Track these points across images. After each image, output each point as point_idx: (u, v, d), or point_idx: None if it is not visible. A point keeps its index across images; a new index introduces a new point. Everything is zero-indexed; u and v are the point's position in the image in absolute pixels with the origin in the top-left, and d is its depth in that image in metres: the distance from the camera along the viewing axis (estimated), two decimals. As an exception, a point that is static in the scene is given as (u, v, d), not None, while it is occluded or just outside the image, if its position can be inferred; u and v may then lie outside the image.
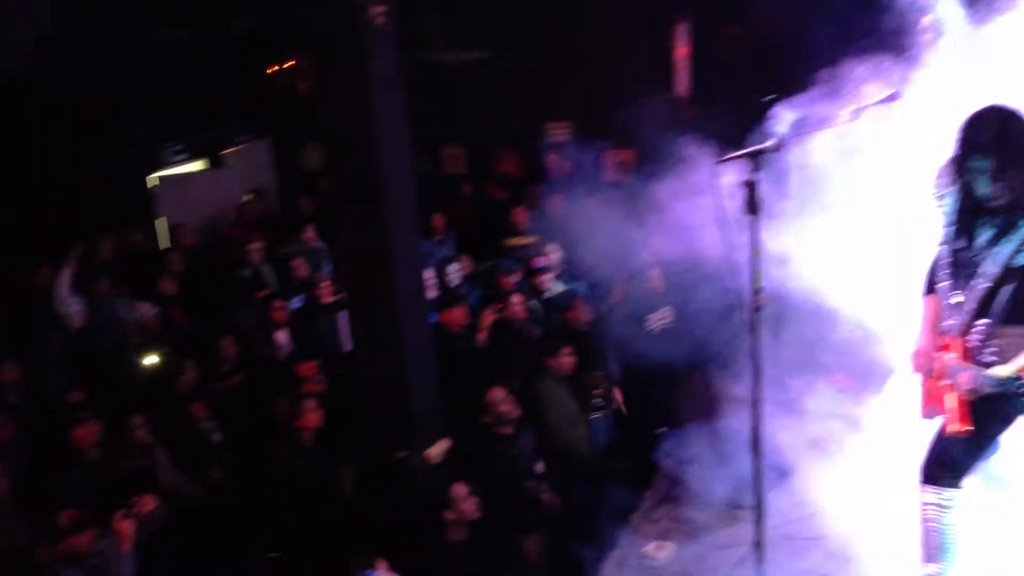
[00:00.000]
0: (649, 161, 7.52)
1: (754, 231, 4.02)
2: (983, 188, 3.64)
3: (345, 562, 4.76)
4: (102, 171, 9.79)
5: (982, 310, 3.69)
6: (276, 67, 12.23)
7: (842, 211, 5.29)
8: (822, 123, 4.59)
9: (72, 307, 7.64)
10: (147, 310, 8.07)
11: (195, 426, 6.62)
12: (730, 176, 4.03)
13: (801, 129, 4.64)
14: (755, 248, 4.02)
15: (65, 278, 7.59)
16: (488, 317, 7.42)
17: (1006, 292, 3.64)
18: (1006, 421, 3.81)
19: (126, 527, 5.02)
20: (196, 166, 11.53)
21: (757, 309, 4.08)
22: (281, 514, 5.93)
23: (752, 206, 4.00)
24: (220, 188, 11.29)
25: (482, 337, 7.34)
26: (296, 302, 8.43)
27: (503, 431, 6.10)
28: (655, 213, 7.74)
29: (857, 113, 4.35)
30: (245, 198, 11.18)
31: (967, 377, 3.72)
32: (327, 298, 8.04)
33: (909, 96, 4.47)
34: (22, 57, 8.98)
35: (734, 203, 4.02)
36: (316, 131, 6.21)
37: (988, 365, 3.65)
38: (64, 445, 5.99)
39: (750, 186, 3.98)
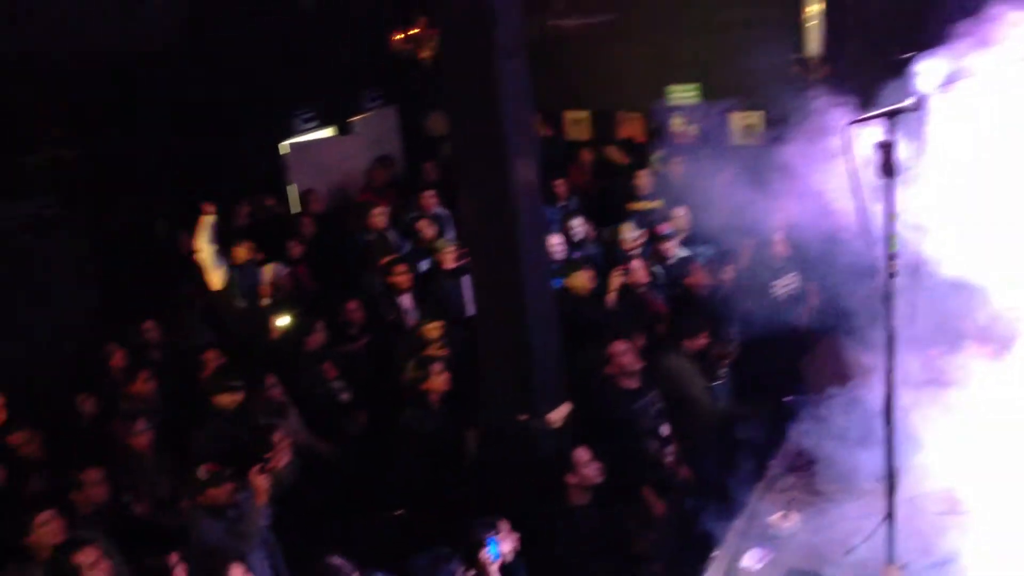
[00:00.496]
0: (778, 123, 7.31)
1: (889, 195, 3.87)
2: None
3: (469, 524, 4.84)
4: (238, 139, 10.14)
5: None
6: (402, 34, 12.36)
7: (983, 173, 5.01)
8: (965, 78, 4.36)
9: (214, 268, 7.91)
10: (280, 273, 8.33)
11: (324, 386, 6.84)
12: (865, 138, 3.88)
13: (943, 85, 4.41)
14: (890, 212, 3.88)
15: (206, 240, 7.86)
16: (617, 279, 7.39)
17: None
18: None
19: (261, 482, 5.23)
20: (325, 133, 11.79)
21: (891, 275, 3.93)
22: (406, 474, 6.08)
23: (888, 168, 3.85)
24: (348, 154, 11.53)
25: (611, 299, 7.32)
26: (423, 265, 8.58)
27: (626, 384, 6.08)
28: (783, 177, 7.53)
29: (1005, 65, 4.12)
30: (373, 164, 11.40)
31: None
32: (451, 263, 8.14)
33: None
34: (161, 28, 9.35)
35: (869, 166, 3.88)
36: (441, 97, 6.25)
37: None
38: (203, 402, 6.28)
39: (886, 147, 3.83)
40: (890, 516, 4.11)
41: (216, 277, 7.85)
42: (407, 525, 5.89)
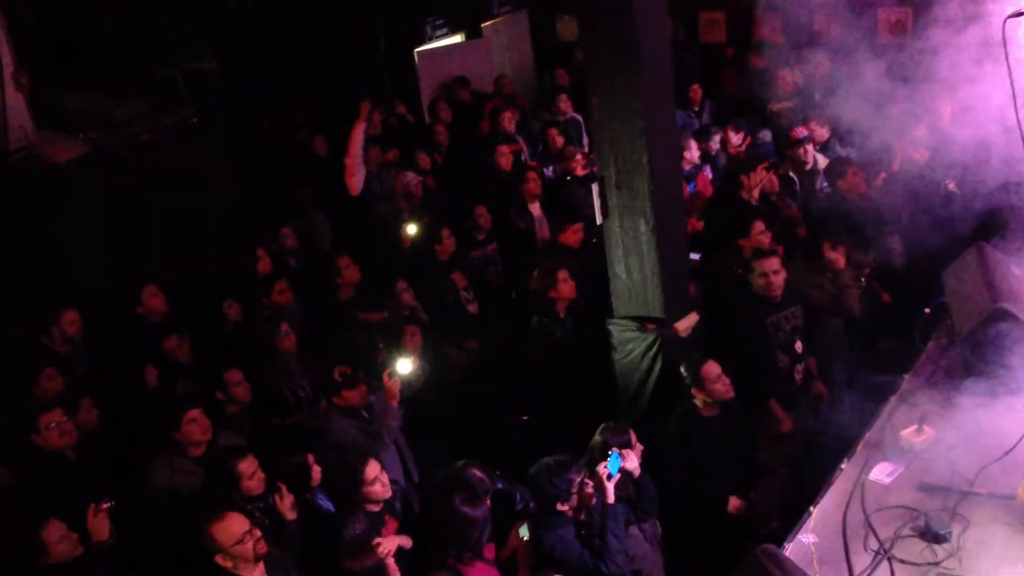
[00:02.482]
0: (928, 20, 6.87)
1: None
2: None
3: (598, 432, 4.89)
4: (371, 46, 10.23)
5: None
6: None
7: None
8: None
9: (357, 172, 8.05)
10: (412, 179, 8.46)
11: (454, 294, 6.97)
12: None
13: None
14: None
15: (358, 139, 7.96)
16: (759, 176, 7.17)
17: None
18: None
19: (393, 385, 5.42)
20: (456, 39, 11.76)
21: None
22: (533, 381, 6.18)
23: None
24: (480, 60, 11.48)
25: (755, 195, 7.15)
26: (549, 172, 8.55)
27: (771, 295, 5.99)
28: (935, 78, 7.12)
29: None
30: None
31: None
32: (581, 170, 8.09)
33: None
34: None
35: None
36: (572, 1, 6.13)
37: None
38: (342, 309, 6.49)
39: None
40: (1031, 434, 3.96)
41: (356, 181, 8.00)
42: (534, 431, 6.01)
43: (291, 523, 4.70)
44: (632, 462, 4.74)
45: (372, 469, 4.65)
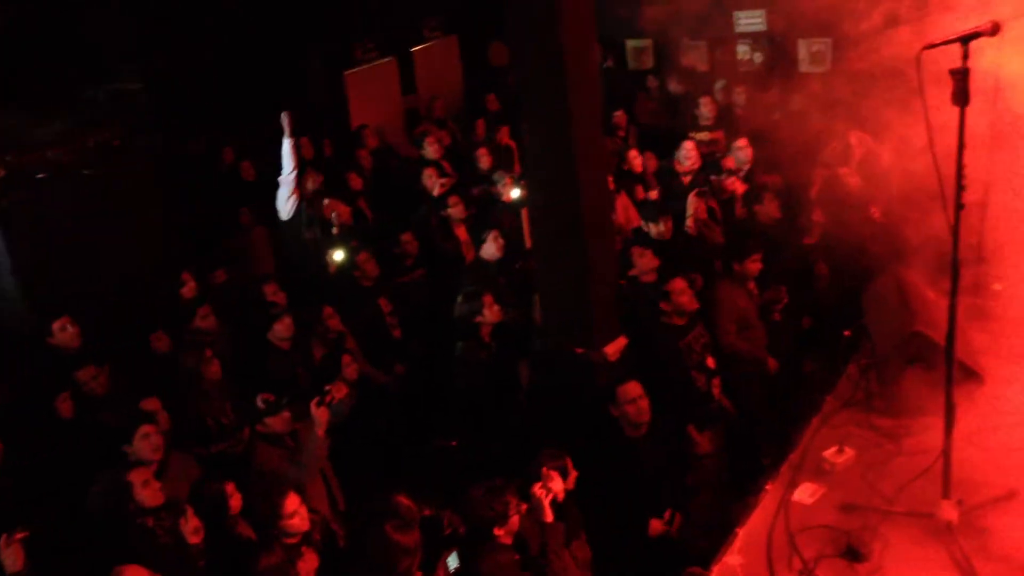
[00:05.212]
0: (847, 51, 7.10)
1: (961, 125, 3.74)
2: None
3: (532, 456, 4.88)
4: (300, 69, 10.16)
5: None
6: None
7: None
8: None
9: (286, 198, 7.94)
10: (341, 206, 8.39)
11: (380, 319, 6.93)
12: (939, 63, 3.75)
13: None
14: (961, 143, 3.75)
15: (290, 155, 7.82)
16: (694, 205, 7.26)
17: None
18: None
19: (321, 413, 5.35)
20: (385, 63, 11.75)
21: (959, 207, 3.83)
22: (459, 406, 6.16)
23: (961, 96, 3.72)
24: (408, 85, 11.50)
25: (691, 224, 7.24)
26: (477, 194, 8.56)
27: (676, 321, 6.06)
28: (852, 105, 7.34)
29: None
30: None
31: None
32: (509, 195, 8.13)
33: None
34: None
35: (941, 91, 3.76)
36: (502, 27, 6.19)
37: None
38: (264, 335, 6.40)
39: (960, 74, 3.70)
40: (945, 453, 4.06)
41: (288, 205, 7.91)
42: (461, 456, 5.98)
43: (193, 547, 4.61)
44: (559, 484, 4.73)
45: (291, 502, 4.57)
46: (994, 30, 3.67)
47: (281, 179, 7.78)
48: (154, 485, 4.81)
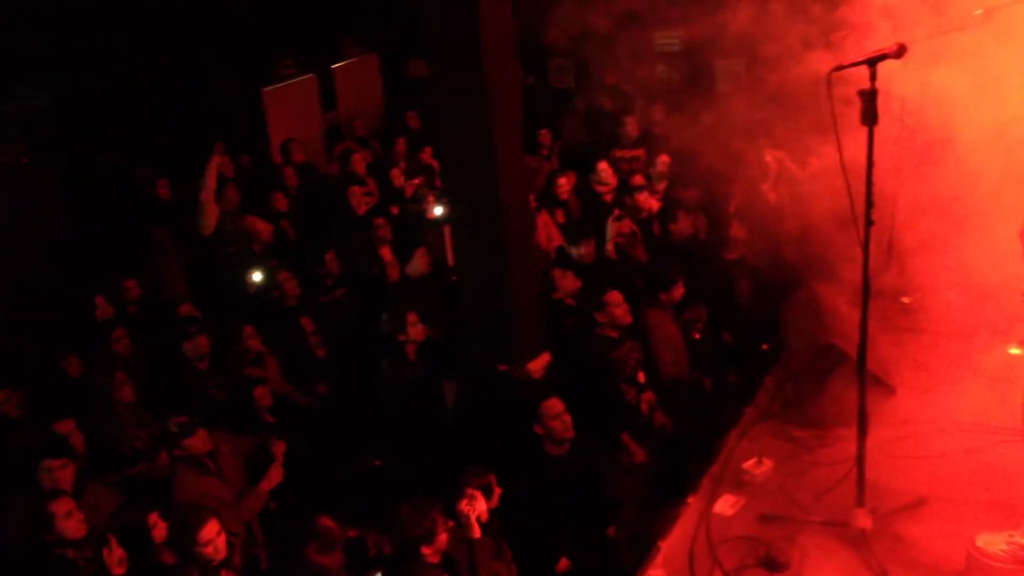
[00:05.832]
0: (762, 70, 7.26)
1: (870, 144, 3.86)
2: None
3: (456, 474, 4.86)
4: (216, 85, 10.01)
5: None
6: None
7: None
8: (949, 26, 4.33)
9: (206, 215, 7.78)
10: (262, 224, 8.28)
11: (302, 339, 6.84)
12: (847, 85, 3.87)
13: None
14: (870, 162, 3.87)
15: (213, 176, 7.68)
16: (614, 228, 7.34)
17: None
18: None
19: (276, 475, 5.29)
20: (304, 80, 11.65)
21: (869, 223, 3.94)
22: (384, 425, 6.12)
23: (869, 116, 3.84)
24: (328, 102, 11.42)
25: (611, 248, 7.31)
26: (397, 213, 8.53)
27: (608, 334, 6.10)
28: (767, 123, 7.50)
29: (986, 15, 4.10)
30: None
31: None
32: (432, 213, 8.11)
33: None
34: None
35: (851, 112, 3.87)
36: (423, 44, 6.19)
37: None
38: (180, 355, 6.27)
39: (868, 96, 3.82)
40: (859, 461, 4.17)
41: (209, 222, 7.76)
42: (385, 476, 5.93)
43: None
44: (481, 503, 4.71)
45: (209, 530, 4.45)
46: (899, 52, 3.80)
47: (201, 196, 7.65)
48: (77, 516, 4.62)
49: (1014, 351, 3.98)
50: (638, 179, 8.42)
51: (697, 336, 6.65)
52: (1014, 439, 4.05)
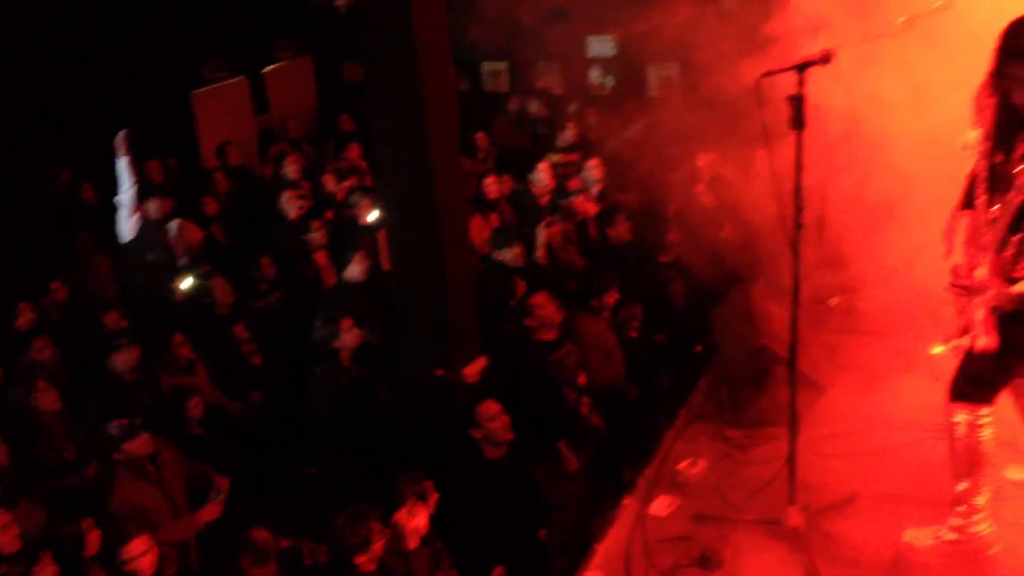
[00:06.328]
0: (695, 75, 7.38)
1: (799, 148, 3.93)
2: (1020, 96, 3.50)
3: (393, 481, 4.82)
4: (144, 88, 9.80)
5: (1016, 225, 3.59)
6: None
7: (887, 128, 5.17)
8: (872, 34, 4.43)
9: (126, 221, 7.59)
10: (192, 230, 8.13)
11: (235, 346, 6.72)
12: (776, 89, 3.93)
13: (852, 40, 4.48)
14: (799, 164, 3.95)
15: (126, 175, 7.49)
16: (544, 234, 7.36)
17: None
18: None
19: (212, 511, 5.15)
20: (236, 83, 11.48)
21: (798, 226, 4.02)
22: (319, 433, 6.04)
23: (798, 121, 3.91)
24: (260, 105, 11.28)
25: (542, 254, 7.32)
26: (331, 217, 8.44)
27: (545, 336, 6.11)
28: (701, 127, 7.62)
29: (909, 21, 4.21)
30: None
31: (993, 293, 3.63)
32: (367, 217, 8.05)
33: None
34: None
35: (780, 117, 3.94)
36: (357, 47, 6.15)
37: (1018, 281, 3.54)
38: (108, 367, 6.11)
39: (796, 100, 3.89)
40: (790, 460, 4.25)
41: (128, 226, 7.58)
42: (320, 485, 5.86)
43: None
44: (421, 517, 4.67)
45: (138, 545, 4.33)
46: (826, 58, 3.88)
47: (119, 199, 7.47)
48: (12, 530, 4.42)
49: (937, 350, 4.08)
50: (575, 183, 8.46)
51: (635, 335, 6.69)
52: (939, 436, 4.15)
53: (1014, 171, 3.57)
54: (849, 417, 5.10)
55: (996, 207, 3.64)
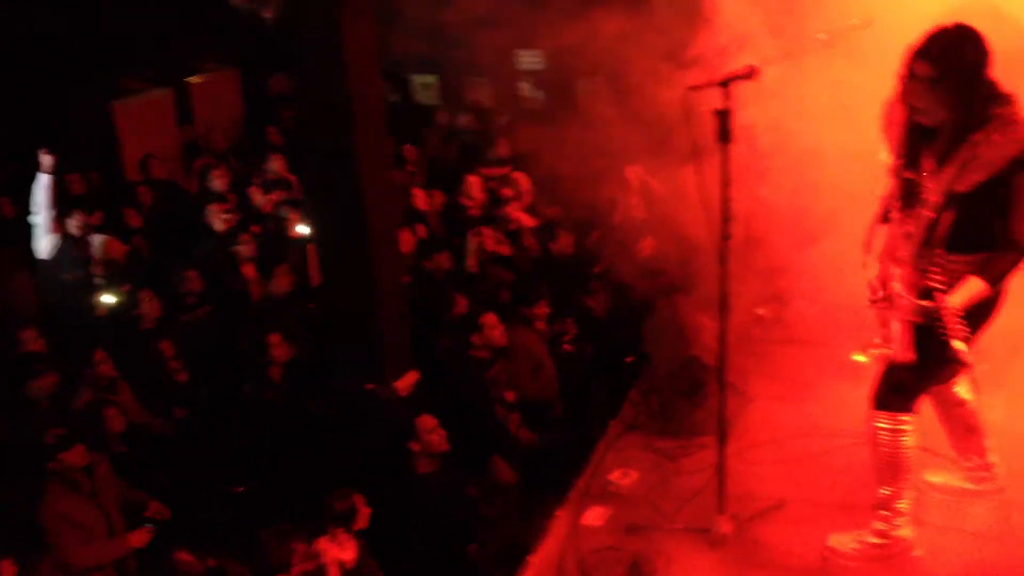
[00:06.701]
0: (620, 88, 7.44)
1: (725, 161, 4.00)
2: (921, 99, 3.60)
3: (322, 498, 4.75)
4: (64, 99, 9.55)
5: (928, 239, 3.70)
6: (242, -7, 11.91)
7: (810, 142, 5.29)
8: (796, 49, 4.53)
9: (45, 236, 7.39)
10: (114, 244, 7.94)
11: (160, 363, 6.57)
12: (703, 103, 3.99)
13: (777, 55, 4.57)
14: (726, 177, 4.01)
15: (42, 191, 7.29)
16: (475, 240, 7.37)
17: (948, 220, 3.63)
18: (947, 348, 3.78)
19: (141, 537, 5.03)
20: (160, 94, 11.27)
21: (726, 238, 4.08)
22: (248, 450, 5.94)
23: (724, 135, 3.97)
24: (185, 117, 11.09)
25: (472, 263, 7.32)
26: (259, 231, 8.34)
27: (481, 355, 6.10)
28: (630, 140, 7.70)
29: (830, 38, 4.31)
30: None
31: (907, 306, 3.73)
32: (295, 231, 7.96)
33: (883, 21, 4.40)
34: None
35: (708, 131, 4.00)
36: (285, 59, 6.10)
37: (933, 294, 3.64)
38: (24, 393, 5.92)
39: (722, 114, 3.95)
40: (719, 468, 4.30)
41: (45, 242, 7.37)
42: (250, 503, 5.76)
43: None
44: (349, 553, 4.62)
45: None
46: (750, 74, 3.95)
47: (37, 217, 7.27)
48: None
49: (858, 358, 4.18)
50: (507, 193, 8.50)
51: (570, 348, 6.72)
52: (861, 442, 4.24)
53: (922, 187, 3.69)
54: (777, 425, 5.18)
55: (908, 222, 3.76)
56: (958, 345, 3.50)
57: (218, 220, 8.09)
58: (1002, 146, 3.49)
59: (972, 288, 3.57)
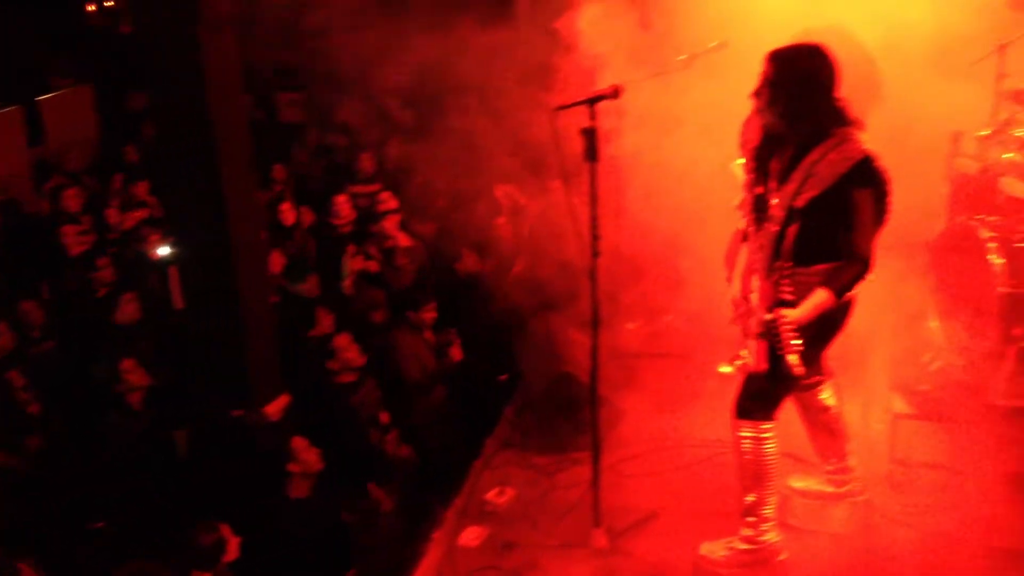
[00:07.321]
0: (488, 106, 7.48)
1: (593, 179, 4.05)
2: (761, 100, 3.77)
3: (185, 530, 4.56)
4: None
5: (777, 252, 3.83)
6: (96, 6, 11.48)
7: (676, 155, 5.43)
8: (657, 70, 4.64)
9: None
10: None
11: (10, 395, 6.20)
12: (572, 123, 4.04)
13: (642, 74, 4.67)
14: (594, 195, 4.06)
15: None
16: (352, 262, 7.26)
17: (792, 233, 3.77)
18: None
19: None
20: (8, 112, 10.71)
21: (595, 255, 4.13)
22: (107, 483, 5.67)
23: (591, 153, 4.03)
24: (35, 136, 10.59)
25: (348, 284, 7.20)
26: (117, 253, 7.99)
27: (345, 379, 6.01)
28: (499, 159, 7.74)
29: (689, 59, 4.43)
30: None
31: (757, 319, 3.87)
32: (156, 253, 7.66)
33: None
34: None
35: (574, 150, 4.05)
36: (142, 75, 5.88)
37: (785, 305, 3.77)
38: None
39: (589, 133, 4.00)
40: (594, 482, 4.34)
41: None
42: (110, 538, 5.49)
43: None
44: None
45: None
46: (615, 93, 4.03)
47: None
48: None
49: (725, 369, 4.30)
50: (381, 209, 8.41)
51: (458, 357, 6.68)
52: (729, 451, 4.35)
53: (770, 201, 3.83)
54: (649, 437, 5.27)
55: (761, 235, 3.89)
56: (791, 359, 3.63)
57: (72, 243, 7.71)
58: (836, 164, 3.68)
59: (818, 300, 3.72)
